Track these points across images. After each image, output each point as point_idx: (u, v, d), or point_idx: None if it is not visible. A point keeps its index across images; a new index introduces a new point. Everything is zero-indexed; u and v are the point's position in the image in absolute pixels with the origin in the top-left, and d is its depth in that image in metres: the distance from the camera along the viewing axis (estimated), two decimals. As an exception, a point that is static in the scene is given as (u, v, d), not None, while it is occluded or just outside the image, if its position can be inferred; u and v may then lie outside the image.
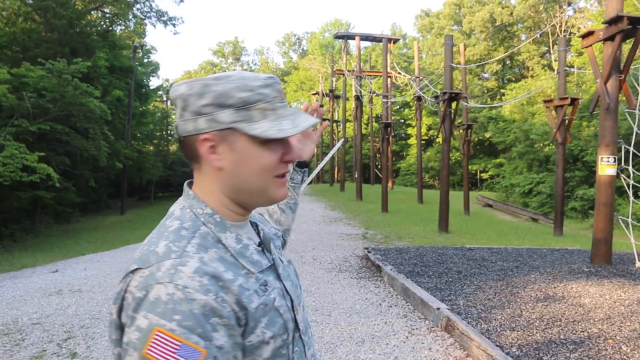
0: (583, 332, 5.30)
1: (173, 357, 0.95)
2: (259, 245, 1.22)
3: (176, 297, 0.98)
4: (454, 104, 16.34)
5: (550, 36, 52.80)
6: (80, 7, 27.34)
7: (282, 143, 1.18)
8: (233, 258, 1.12)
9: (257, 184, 1.16)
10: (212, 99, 1.12)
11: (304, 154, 1.76)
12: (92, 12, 30.22)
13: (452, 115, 16.33)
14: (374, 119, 44.79)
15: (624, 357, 4.64)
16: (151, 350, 0.95)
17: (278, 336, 1.12)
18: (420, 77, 31.20)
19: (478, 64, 47.65)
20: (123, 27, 35.17)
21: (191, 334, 0.96)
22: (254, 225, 1.32)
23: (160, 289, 0.99)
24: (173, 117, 39.54)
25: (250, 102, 1.13)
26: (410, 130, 57.19)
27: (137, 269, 1.05)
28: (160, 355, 0.95)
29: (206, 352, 0.96)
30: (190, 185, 1.23)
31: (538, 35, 50.15)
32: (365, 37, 31.53)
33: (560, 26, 50.54)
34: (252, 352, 1.08)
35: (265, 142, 1.13)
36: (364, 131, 40.63)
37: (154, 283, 1.00)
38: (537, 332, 5.31)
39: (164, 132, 48.34)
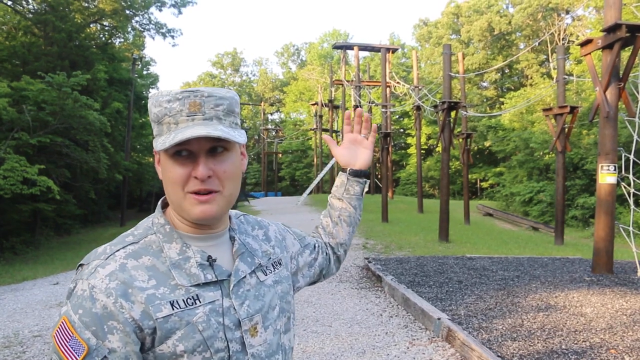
0: (585, 342, 5.29)
1: (65, 345, 1.06)
2: (208, 260, 1.21)
3: (85, 294, 1.09)
4: (453, 113, 16.37)
5: (548, 44, 52.94)
6: (79, 21, 27.44)
7: (191, 158, 1.16)
8: (167, 268, 1.16)
9: (173, 198, 1.19)
10: (150, 115, 1.21)
11: (356, 162, 1.70)
12: (91, 25, 30.33)
13: (452, 125, 16.35)
14: (373, 129, 44.80)
15: (627, 366, 4.62)
16: (56, 334, 1.08)
17: (196, 352, 1.12)
18: (419, 87, 31.28)
19: (477, 72, 47.81)
20: (122, 40, 35.33)
21: (86, 329, 1.06)
22: (232, 239, 1.32)
23: (80, 284, 1.11)
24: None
25: (160, 117, 1.17)
26: (409, 140, 57.25)
27: (81, 264, 1.17)
28: (59, 340, 1.07)
29: (88, 349, 1.04)
30: None
31: (537, 44, 50.29)
32: (363, 47, 31.70)
33: (559, 34, 50.70)
34: None
35: (174, 156, 1.15)
36: (363, 141, 40.61)
37: (80, 278, 1.13)
38: (538, 342, 5.29)
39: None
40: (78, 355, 1.04)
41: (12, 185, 16.34)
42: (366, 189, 1.74)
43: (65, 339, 1.06)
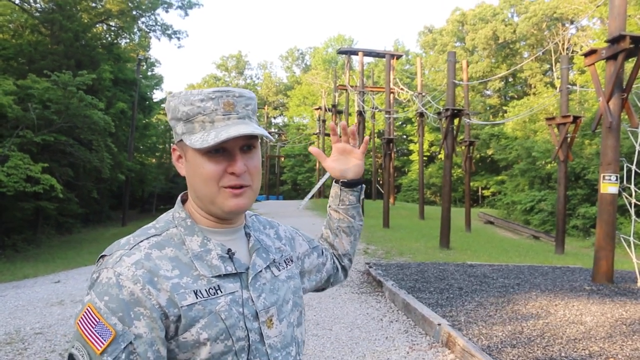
0: (584, 350, 5.31)
1: (90, 331, 1.07)
2: (227, 252, 1.26)
3: (111, 282, 1.11)
4: (456, 121, 16.39)
5: (552, 54, 53.02)
6: (86, 20, 27.53)
7: (225, 155, 1.21)
8: (189, 259, 1.21)
9: (205, 193, 1.23)
10: (171, 114, 1.25)
11: (348, 173, 1.63)
12: (98, 25, 30.44)
13: (454, 132, 16.37)
14: (376, 135, 44.89)
15: (625, 375, 4.64)
16: (80, 321, 1.09)
17: (219, 340, 1.16)
18: (423, 94, 31.33)
19: (480, 80, 47.85)
20: (128, 40, 35.44)
21: (112, 315, 1.08)
22: (248, 235, 1.37)
23: (105, 272, 1.13)
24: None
25: (192, 115, 1.21)
26: (412, 146, 57.17)
27: (103, 255, 1.20)
28: (84, 327, 1.08)
29: (115, 334, 1.06)
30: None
31: (541, 53, 50.31)
32: (368, 53, 31.65)
33: (563, 44, 50.77)
34: (188, 350, 1.15)
35: (207, 153, 1.20)
36: (366, 146, 40.68)
37: (104, 268, 1.15)
38: (538, 350, 5.32)
39: (166, 145, 48.45)
40: (104, 340, 1.06)
41: (16, 182, 16.39)
42: (362, 196, 1.69)
43: (91, 325, 1.07)
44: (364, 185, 1.68)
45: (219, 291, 1.19)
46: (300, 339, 1.41)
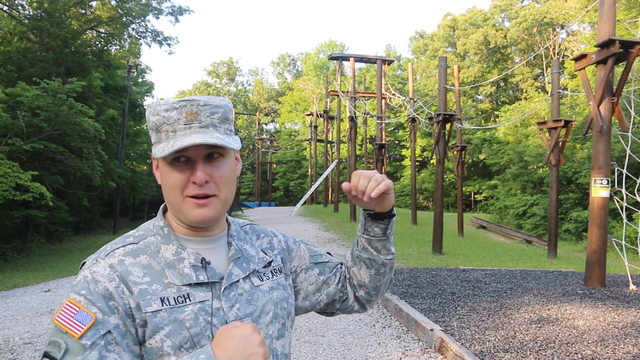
0: (577, 354, 5.29)
1: (70, 319, 1.10)
2: (201, 262, 1.25)
3: (88, 278, 1.17)
4: (448, 126, 16.41)
5: (543, 59, 53.29)
6: (75, 27, 27.38)
7: (189, 164, 1.22)
8: (162, 267, 1.23)
9: (172, 202, 1.26)
10: (147, 124, 1.27)
11: (375, 206, 1.45)
12: (88, 32, 30.27)
13: (446, 137, 16.39)
14: (368, 140, 44.88)
15: (619, 379, 4.62)
16: (58, 316, 1.12)
17: (183, 349, 1.16)
18: (415, 99, 31.36)
19: (472, 85, 47.96)
20: (118, 47, 35.23)
21: (92, 305, 1.12)
22: (230, 244, 1.36)
23: (82, 273, 1.20)
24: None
25: (158, 125, 1.22)
26: (404, 152, 57.30)
27: (83, 262, 1.24)
28: (62, 318, 1.11)
29: (96, 318, 1.10)
30: None
31: (532, 58, 50.57)
32: (359, 59, 31.71)
33: (554, 49, 51.05)
34: (154, 358, 1.16)
35: (172, 162, 1.22)
36: (358, 152, 40.69)
37: (81, 271, 1.21)
38: (530, 354, 5.29)
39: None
40: (84, 325, 1.09)
41: (5, 191, 16.23)
42: (392, 230, 1.54)
43: (70, 315, 1.11)
44: (394, 217, 1.52)
45: (187, 299, 1.20)
46: (281, 352, 1.35)
